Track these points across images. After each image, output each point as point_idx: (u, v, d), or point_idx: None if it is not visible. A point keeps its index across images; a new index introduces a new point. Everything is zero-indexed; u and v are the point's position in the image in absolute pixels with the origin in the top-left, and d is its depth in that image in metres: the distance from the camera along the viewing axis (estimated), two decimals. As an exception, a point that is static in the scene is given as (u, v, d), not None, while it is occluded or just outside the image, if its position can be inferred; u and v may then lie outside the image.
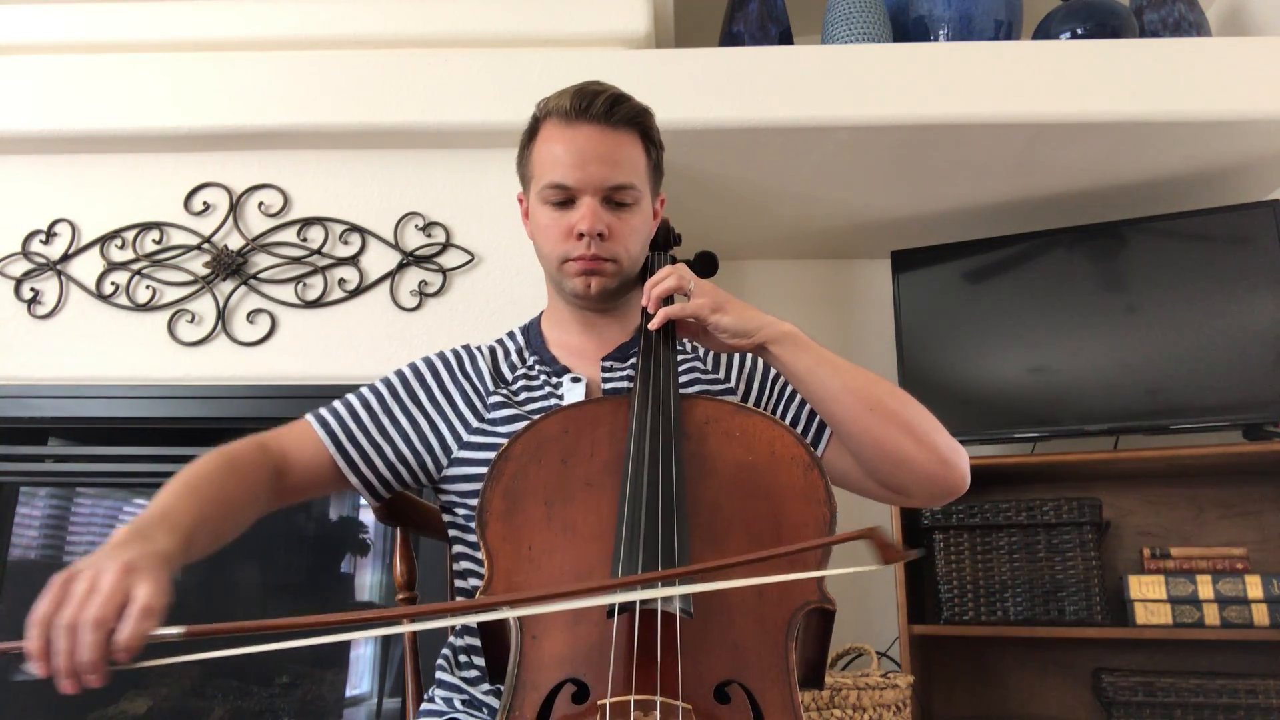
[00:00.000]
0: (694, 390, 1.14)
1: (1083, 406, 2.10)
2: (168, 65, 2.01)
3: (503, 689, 0.79)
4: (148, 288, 1.95)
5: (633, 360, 1.14)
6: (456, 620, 1.08)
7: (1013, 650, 2.22)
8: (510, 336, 1.23)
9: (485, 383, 1.14)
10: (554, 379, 1.14)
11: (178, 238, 1.97)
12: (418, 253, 1.95)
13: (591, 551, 0.87)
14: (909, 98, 1.94)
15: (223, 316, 1.92)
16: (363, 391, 1.15)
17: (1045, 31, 2.18)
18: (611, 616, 0.80)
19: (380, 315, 1.93)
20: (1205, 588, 1.94)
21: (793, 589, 0.85)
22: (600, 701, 0.74)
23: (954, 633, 2.09)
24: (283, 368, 1.90)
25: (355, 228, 1.97)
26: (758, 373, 1.20)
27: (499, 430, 1.09)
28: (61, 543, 2.21)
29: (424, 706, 1.07)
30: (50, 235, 1.97)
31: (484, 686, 1.04)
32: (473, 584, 1.08)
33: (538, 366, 1.16)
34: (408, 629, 1.18)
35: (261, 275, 1.95)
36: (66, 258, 1.96)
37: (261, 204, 1.99)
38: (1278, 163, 2.10)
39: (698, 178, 2.16)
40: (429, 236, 1.97)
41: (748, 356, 1.22)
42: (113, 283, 1.95)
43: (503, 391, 1.13)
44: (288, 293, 1.94)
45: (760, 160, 2.09)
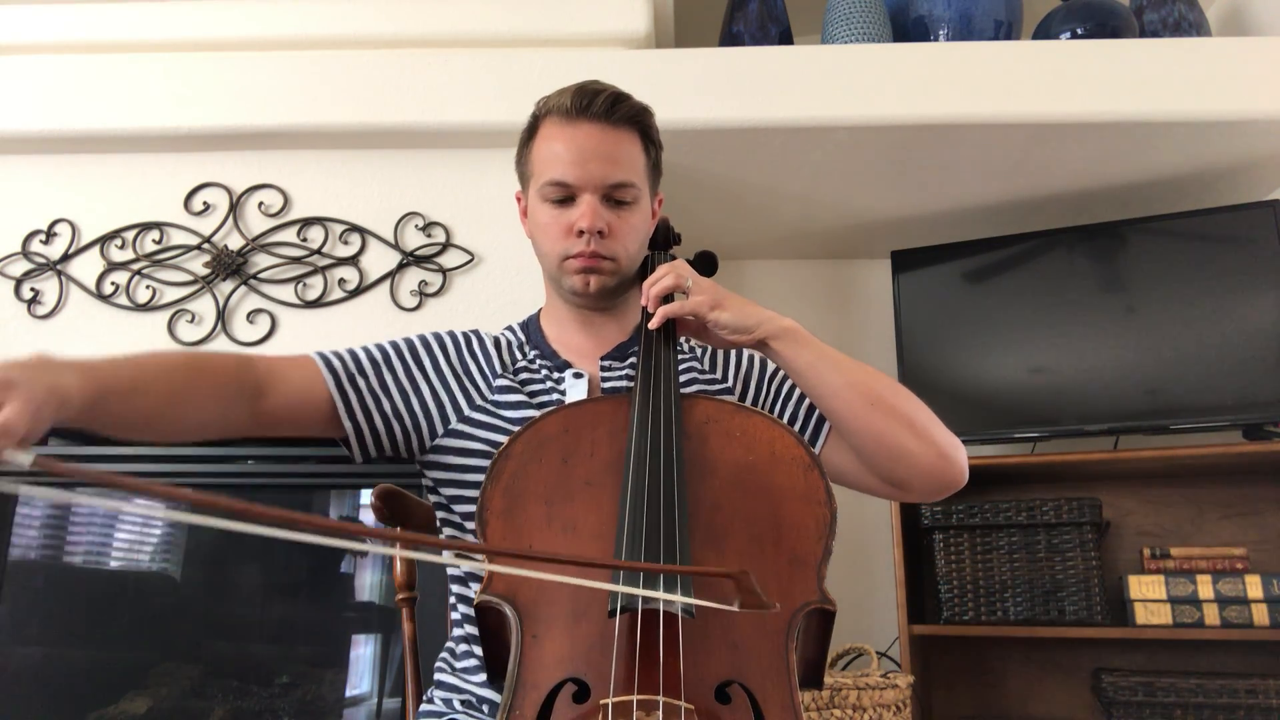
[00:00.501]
0: (692, 390, 1.14)
1: (1083, 406, 2.10)
2: (168, 65, 2.01)
3: (503, 689, 0.79)
4: (148, 288, 1.94)
5: (631, 359, 1.14)
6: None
7: (1013, 650, 2.22)
8: (510, 331, 1.23)
9: (493, 365, 1.15)
10: (555, 373, 1.14)
11: (178, 238, 1.97)
12: (418, 253, 1.95)
13: (592, 550, 0.87)
14: (909, 98, 1.94)
15: (223, 316, 1.92)
16: (369, 346, 1.14)
17: (1045, 31, 2.18)
18: (613, 616, 0.80)
19: (380, 315, 1.93)
20: (1205, 588, 1.94)
21: (793, 590, 0.85)
22: (602, 701, 0.74)
23: (954, 633, 2.09)
24: (283, 368, 1.89)
25: (355, 228, 1.97)
26: (755, 372, 1.20)
27: (504, 414, 1.09)
28: (61, 543, 2.21)
29: (423, 708, 1.07)
30: (50, 235, 1.97)
31: (481, 677, 1.04)
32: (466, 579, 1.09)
33: (539, 360, 1.16)
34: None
35: (261, 275, 1.94)
36: (66, 258, 1.96)
37: (261, 204, 1.99)
38: (1278, 163, 2.10)
39: (698, 178, 2.16)
40: (429, 236, 1.97)
41: (745, 356, 1.22)
42: (113, 283, 1.95)
43: (508, 377, 1.13)
44: (288, 293, 1.94)
45: (760, 160, 2.09)
